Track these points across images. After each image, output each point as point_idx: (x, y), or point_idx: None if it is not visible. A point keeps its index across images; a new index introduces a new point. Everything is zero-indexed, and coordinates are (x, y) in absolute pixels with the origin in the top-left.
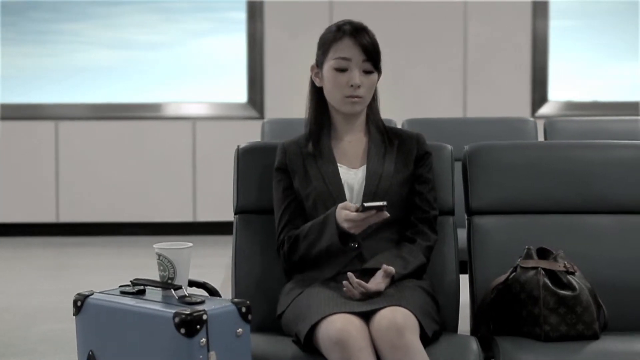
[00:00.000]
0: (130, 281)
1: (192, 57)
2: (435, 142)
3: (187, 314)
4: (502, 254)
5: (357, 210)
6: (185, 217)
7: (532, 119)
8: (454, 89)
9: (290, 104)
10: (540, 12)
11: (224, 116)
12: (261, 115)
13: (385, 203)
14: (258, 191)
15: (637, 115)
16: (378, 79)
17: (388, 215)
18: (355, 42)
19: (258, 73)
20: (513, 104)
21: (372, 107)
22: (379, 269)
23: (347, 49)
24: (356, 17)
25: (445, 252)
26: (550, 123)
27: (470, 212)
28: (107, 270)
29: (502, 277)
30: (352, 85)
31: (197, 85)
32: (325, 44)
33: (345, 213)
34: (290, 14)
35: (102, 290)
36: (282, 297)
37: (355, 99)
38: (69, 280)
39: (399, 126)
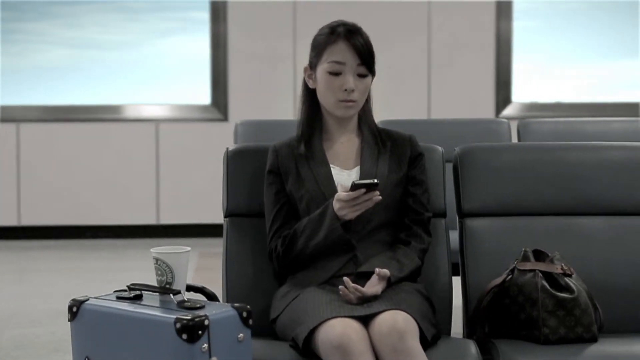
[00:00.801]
0: (127, 286)
1: (155, 57)
2: (425, 144)
3: (188, 319)
4: (495, 256)
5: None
6: (149, 219)
7: (505, 120)
8: (418, 90)
9: (254, 106)
10: (504, 12)
11: (188, 118)
12: (225, 118)
13: (376, 181)
14: (248, 194)
15: (602, 116)
16: (372, 81)
17: (380, 198)
18: (350, 45)
19: (222, 74)
20: (477, 104)
21: (365, 109)
22: (374, 272)
23: (341, 52)
24: (320, 17)
25: (438, 255)
26: (524, 124)
27: (462, 214)
28: (71, 273)
29: (498, 280)
30: (346, 90)
31: (160, 86)
32: (319, 46)
33: (338, 194)
34: (254, 14)
35: (97, 295)
36: (276, 301)
37: (350, 103)
38: (34, 284)
39: None
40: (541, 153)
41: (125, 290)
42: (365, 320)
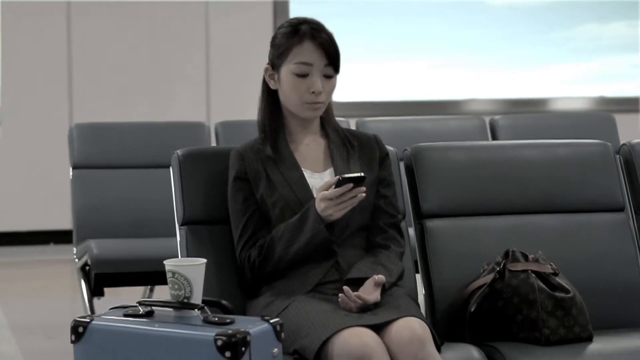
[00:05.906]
0: (138, 302)
1: None
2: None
3: (230, 335)
4: (457, 258)
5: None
6: None
7: (343, 119)
8: (197, 92)
9: (27, 107)
10: (280, 13)
11: None
12: None
13: (362, 174)
14: (204, 199)
15: (384, 116)
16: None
17: (365, 194)
18: (316, 45)
19: None
20: None
21: (327, 110)
22: (363, 278)
23: (308, 53)
24: (95, 18)
25: (403, 258)
26: (362, 123)
27: (421, 215)
28: None
29: (482, 281)
30: (313, 92)
31: None
32: (283, 46)
33: (322, 193)
34: (26, 13)
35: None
36: (256, 313)
37: (316, 105)
38: None
39: None
40: (493, 151)
41: (126, 307)
42: (376, 329)
